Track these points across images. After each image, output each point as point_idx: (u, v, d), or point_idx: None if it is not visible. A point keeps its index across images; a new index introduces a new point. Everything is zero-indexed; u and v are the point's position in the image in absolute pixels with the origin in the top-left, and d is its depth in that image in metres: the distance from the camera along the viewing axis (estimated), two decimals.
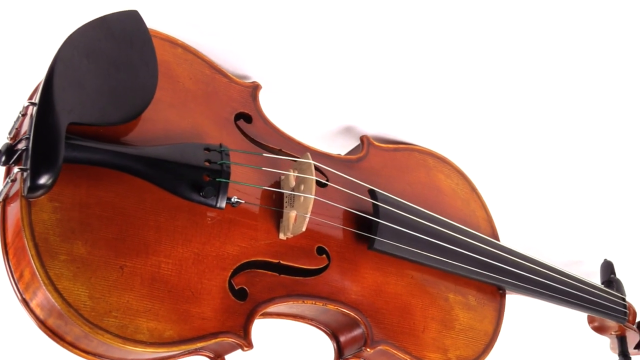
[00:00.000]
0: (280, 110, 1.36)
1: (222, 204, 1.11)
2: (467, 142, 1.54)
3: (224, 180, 1.10)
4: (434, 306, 1.37)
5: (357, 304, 1.26)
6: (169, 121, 1.16)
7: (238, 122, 1.24)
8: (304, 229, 1.15)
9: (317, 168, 1.26)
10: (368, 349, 1.25)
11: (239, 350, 1.16)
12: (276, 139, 1.27)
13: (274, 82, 1.34)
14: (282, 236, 1.20)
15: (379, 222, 1.25)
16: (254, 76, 1.31)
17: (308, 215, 1.15)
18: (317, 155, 1.31)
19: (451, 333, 1.38)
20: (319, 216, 1.25)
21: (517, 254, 1.47)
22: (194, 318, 1.09)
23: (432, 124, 1.48)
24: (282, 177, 1.24)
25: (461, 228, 1.40)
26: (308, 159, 1.19)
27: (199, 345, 1.09)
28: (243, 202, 1.14)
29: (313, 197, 1.16)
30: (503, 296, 1.49)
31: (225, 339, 1.11)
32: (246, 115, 1.26)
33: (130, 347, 1.03)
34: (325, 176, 1.30)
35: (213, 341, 1.10)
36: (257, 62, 1.30)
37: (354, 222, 1.29)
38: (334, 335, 1.33)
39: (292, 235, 1.19)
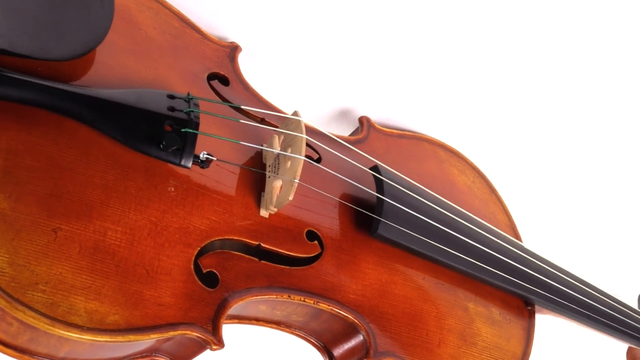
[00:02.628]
0: (262, 84, 1.16)
1: (188, 161, 0.90)
2: (486, 140, 1.33)
3: (191, 130, 0.89)
4: (451, 316, 1.12)
5: (357, 305, 1.02)
6: (127, 68, 0.96)
7: (212, 83, 1.05)
8: (290, 198, 0.93)
9: (308, 144, 1.06)
10: None
11: (207, 352, 0.91)
12: (258, 107, 1.07)
13: (257, 49, 1.15)
14: (263, 213, 0.98)
15: (384, 199, 1.03)
16: (234, 39, 1.12)
17: (297, 181, 0.93)
18: (309, 130, 1.10)
19: (473, 350, 1.13)
20: (310, 193, 1.03)
21: (548, 262, 1.24)
22: (147, 302, 0.85)
23: (443, 110, 1.27)
24: (265, 144, 1.03)
25: (482, 223, 1.17)
26: (297, 116, 0.99)
27: (153, 336, 0.84)
28: (214, 159, 0.93)
29: (303, 158, 0.94)
30: (532, 314, 1.24)
31: (188, 332, 0.87)
32: (222, 77, 1.06)
33: (61, 332, 0.79)
34: (318, 153, 1.09)
35: (171, 333, 0.86)
36: (238, 22, 1.12)
37: (352, 207, 1.07)
38: (326, 349, 1.08)
39: (275, 210, 0.97)
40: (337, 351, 1.07)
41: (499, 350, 1.16)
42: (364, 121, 1.20)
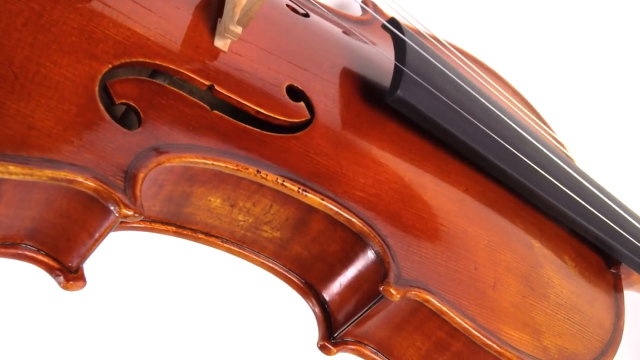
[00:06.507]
0: None
1: None
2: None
3: None
4: (510, 250, 0.74)
5: (368, 208, 0.65)
6: None
7: None
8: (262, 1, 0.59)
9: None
10: (392, 290, 0.62)
11: (114, 224, 0.54)
12: None
13: None
14: (219, 43, 0.64)
15: (406, 42, 0.69)
16: None
17: None
18: None
19: (543, 304, 0.74)
20: (295, 40, 0.69)
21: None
22: (10, 120, 0.50)
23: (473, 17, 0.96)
24: None
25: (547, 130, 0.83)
26: None
27: (12, 170, 0.48)
28: None
29: None
30: (618, 280, 0.86)
31: (78, 180, 0.50)
32: None
33: None
34: (304, 9, 0.76)
35: (48, 174, 0.49)
36: None
37: (356, 74, 0.73)
38: (312, 290, 0.69)
39: (239, 32, 0.62)
40: (331, 291, 0.68)
41: (580, 314, 0.77)
42: (369, 4, 0.88)
